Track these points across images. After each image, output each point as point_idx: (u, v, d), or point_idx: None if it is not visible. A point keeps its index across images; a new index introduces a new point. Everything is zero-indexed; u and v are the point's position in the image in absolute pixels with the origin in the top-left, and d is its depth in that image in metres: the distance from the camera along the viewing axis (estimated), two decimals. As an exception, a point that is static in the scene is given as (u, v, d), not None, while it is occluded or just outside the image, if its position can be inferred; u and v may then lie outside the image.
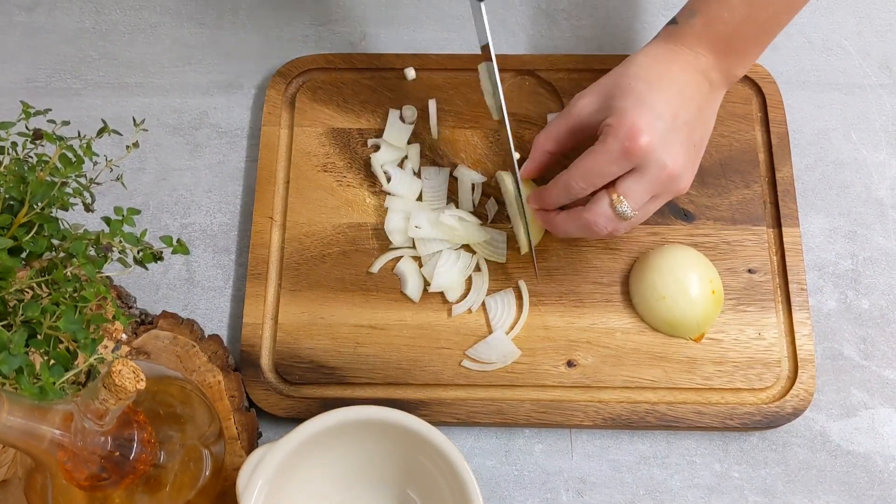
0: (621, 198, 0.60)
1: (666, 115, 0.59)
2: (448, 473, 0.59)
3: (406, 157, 0.75)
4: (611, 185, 0.60)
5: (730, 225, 0.72)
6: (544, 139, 0.65)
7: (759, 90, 0.76)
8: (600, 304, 0.69)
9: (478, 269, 0.71)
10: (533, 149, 0.66)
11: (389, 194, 0.73)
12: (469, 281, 0.70)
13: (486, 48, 0.64)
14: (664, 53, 0.62)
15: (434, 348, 0.68)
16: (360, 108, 0.76)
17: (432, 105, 0.76)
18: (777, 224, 0.71)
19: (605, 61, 0.77)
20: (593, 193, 0.62)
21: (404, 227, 0.71)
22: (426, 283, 0.70)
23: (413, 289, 0.70)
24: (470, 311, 0.69)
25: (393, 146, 0.74)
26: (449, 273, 0.69)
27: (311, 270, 0.71)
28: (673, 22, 0.63)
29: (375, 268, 0.71)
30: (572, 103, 0.64)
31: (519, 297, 0.70)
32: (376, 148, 0.75)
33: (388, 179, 0.73)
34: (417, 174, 0.74)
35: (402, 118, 0.75)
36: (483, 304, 0.69)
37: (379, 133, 0.75)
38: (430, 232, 0.70)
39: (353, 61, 0.78)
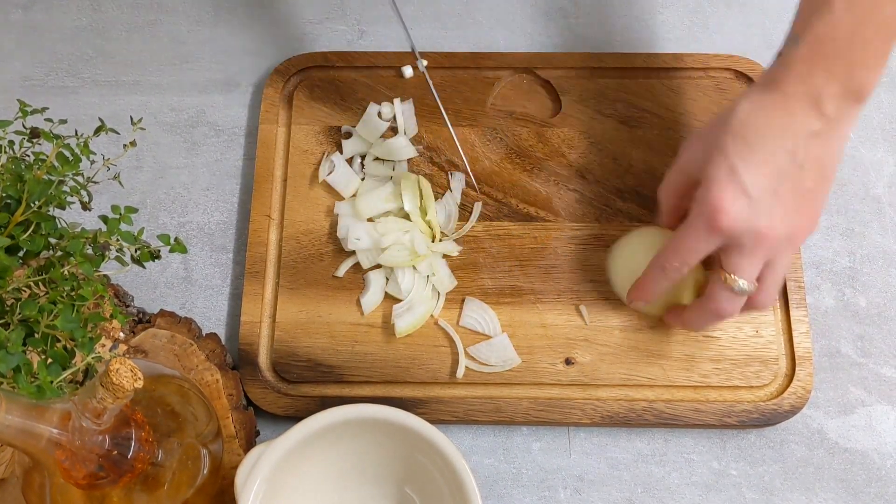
0: (732, 276, 0.59)
1: (760, 181, 0.56)
2: (446, 472, 0.59)
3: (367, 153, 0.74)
4: (720, 265, 0.60)
5: None
6: (665, 195, 0.65)
7: (756, 88, 0.76)
8: (598, 301, 0.69)
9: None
10: (659, 202, 0.66)
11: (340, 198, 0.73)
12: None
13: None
14: (769, 99, 0.57)
15: (432, 346, 0.68)
16: (357, 106, 0.76)
17: (397, 103, 0.75)
18: (775, 222, 0.72)
19: (604, 59, 0.77)
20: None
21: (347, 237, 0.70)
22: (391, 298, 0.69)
23: (368, 301, 0.69)
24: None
25: (362, 139, 0.74)
26: (413, 292, 0.69)
27: (309, 269, 0.71)
28: (779, 55, 0.59)
29: (340, 271, 0.70)
30: (680, 154, 0.63)
31: (484, 294, 0.70)
32: (348, 135, 0.75)
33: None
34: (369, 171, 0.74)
35: (380, 114, 0.75)
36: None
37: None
38: (370, 243, 0.70)
39: (351, 59, 0.78)
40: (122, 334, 0.67)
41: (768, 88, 0.57)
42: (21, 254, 0.52)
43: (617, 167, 0.73)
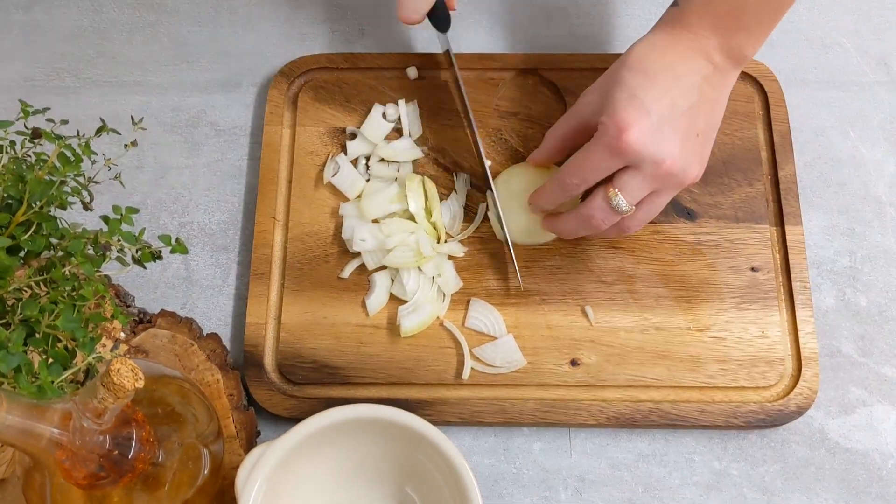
0: (616, 191, 0.60)
1: (660, 108, 0.58)
2: (447, 471, 0.59)
3: (371, 153, 0.74)
4: (608, 180, 0.61)
5: (732, 223, 0.72)
6: (553, 136, 0.67)
7: (761, 88, 0.76)
8: (604, 302, 0.69)
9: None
10: (544, 141, 0.68)
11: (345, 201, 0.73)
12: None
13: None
14: (663, 40, 0.61)
15: (437, 347, 0.68)
16: (362, 107, 0.76)
17: (402, 105, 0.76)
18: (780, 222, 0.71)
19: (608, 60, 0.76)
20: (591, 191, 0.62)
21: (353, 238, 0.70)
22: (396, 299, 0.69)
23: (373, 302, 0.69)
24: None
25: (367, 140, 0.74)
26: (422, 293, 0.69)
27: (314, 270, 0.71)
28: (674, 4, 0.63)
29: (345, 273, 0.70)
30: (578, 100, 0.65)
31: (489, 296, 0.70)
32: (353, 136, 0.75)
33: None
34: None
35: (384, 115, 0.75)
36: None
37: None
38: (375, 244, 0.70)
39: (356, 61, 0.78)
40: (122, 334, 0.67)
41: (663, 32, 0.62)
42: (22, 254, 0.52)
43: (619, 167, 0.73)
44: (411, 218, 0.71)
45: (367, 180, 0.73)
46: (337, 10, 0.83)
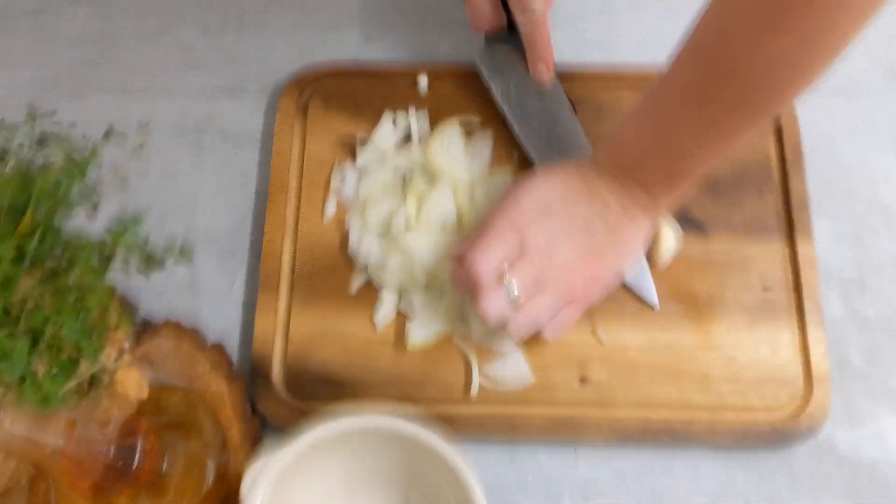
0: (511, 278, 0.62)
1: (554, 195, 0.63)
2: (451, 480, 0.59)
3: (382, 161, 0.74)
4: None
5: (743, 240, 0.71)
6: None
7: (772, 101, 0.75)
8: (613, 320, 0.69)
9: None
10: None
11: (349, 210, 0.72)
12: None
13: None
14: (580, 168, 0.63)
15: (446, 364, 0.68)
16: (373, 116, 0.75)
17: (412, 113, 0.75)
18: (791, 239, 0.70)
19: (622, 73, 0.76)
20: None
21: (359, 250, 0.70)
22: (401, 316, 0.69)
23: (381, 317, 0.68)
24: None
25: (377, 148, 0.74)
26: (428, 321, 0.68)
27: (323, 282, 0.70)
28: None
29: (353, 286, 0.70)
30: None
31: None
32: (363, 144, 0.74)
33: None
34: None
35: (394, 123, 0.75)
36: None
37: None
38: (381, 259, 0.69)
39: (366, 69, 0.77)
40: (127, 344, 0.67)
41: (587, 165, 0.63)
42: (26, 263, 0.52)
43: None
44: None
45: (373, 189, 0.73)
46: (343, 17, 0.83)
